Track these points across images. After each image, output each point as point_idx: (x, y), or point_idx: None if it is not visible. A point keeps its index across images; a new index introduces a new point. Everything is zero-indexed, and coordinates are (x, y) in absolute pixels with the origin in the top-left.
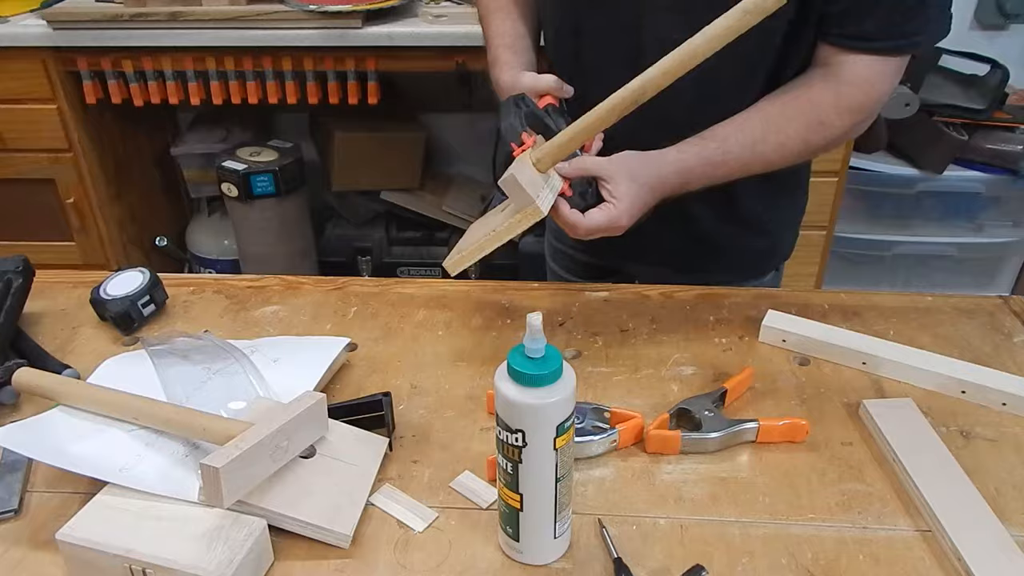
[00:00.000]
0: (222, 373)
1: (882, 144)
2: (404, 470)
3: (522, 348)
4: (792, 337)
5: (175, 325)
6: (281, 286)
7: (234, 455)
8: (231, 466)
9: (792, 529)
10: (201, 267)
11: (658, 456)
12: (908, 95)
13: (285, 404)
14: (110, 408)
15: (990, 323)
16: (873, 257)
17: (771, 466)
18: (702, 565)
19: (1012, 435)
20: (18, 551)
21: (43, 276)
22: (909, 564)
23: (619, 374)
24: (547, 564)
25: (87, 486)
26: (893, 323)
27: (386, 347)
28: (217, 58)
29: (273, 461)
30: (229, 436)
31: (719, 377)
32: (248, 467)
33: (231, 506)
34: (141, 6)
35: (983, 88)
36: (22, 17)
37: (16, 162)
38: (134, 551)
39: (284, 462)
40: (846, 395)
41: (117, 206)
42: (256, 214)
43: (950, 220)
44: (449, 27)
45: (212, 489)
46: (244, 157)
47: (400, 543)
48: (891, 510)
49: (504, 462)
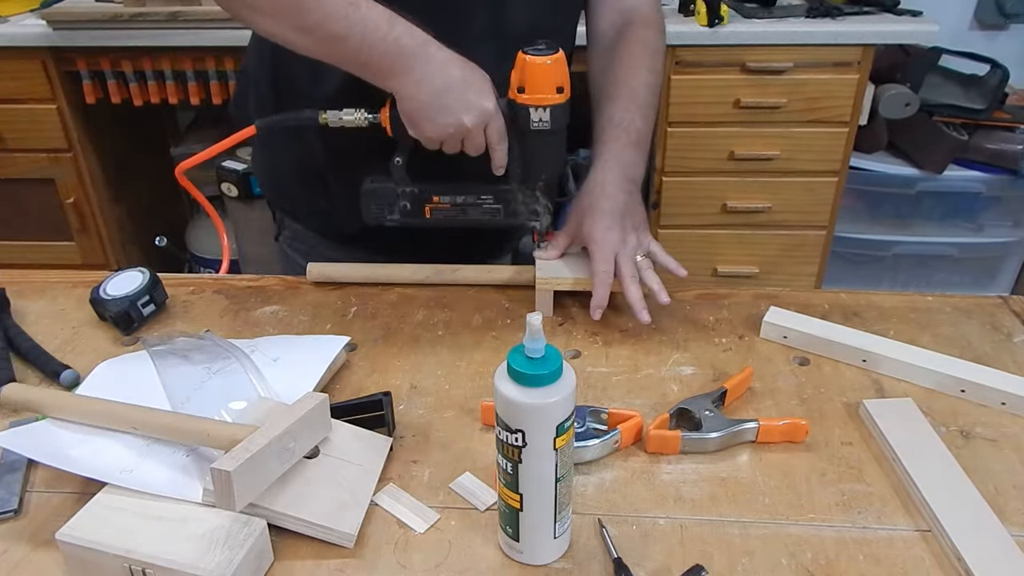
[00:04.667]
0: (222, 373)
1: (882, 144)
2: (404, 470)
3: (522, 348)
4: (793, 334)
5: (175, 325)
6: (281, 286)
7: (244, 458)
8: (242, 469)
9: (792, 529)
10: (201, 267)
11: (658, 456)
12: (908, 95)
13: (288, 405)
14: (107, 420)
15: (990, 323)
16: (873, 257)
17: (771, 466)
18: (702, 565)
19: (1012, 435)
20: (18, 551)
21: (43, 276)
22: (909, 564)
23: (619, 374)
24: (547, 564)
25: (87, 486)
26: (893, 323)
27: (386, 347)
28: (217, 58)
29: (281, 463)
30: (234, 441)
31: (719, 377)
32: (258, 469)
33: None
34: (141, 6)
35: (983, 88)
36: (21, 17)
37: (16, 162)
38: (134, 551)
39: (291, 463)
40: (846, 395)
41: (117, 206)
42: (256, 214)
43: (950, 220)
44: None
45: (224, 493)
46: (244, 157)
47: (400, 543)
48: (891, 510)
49: (504, 462)
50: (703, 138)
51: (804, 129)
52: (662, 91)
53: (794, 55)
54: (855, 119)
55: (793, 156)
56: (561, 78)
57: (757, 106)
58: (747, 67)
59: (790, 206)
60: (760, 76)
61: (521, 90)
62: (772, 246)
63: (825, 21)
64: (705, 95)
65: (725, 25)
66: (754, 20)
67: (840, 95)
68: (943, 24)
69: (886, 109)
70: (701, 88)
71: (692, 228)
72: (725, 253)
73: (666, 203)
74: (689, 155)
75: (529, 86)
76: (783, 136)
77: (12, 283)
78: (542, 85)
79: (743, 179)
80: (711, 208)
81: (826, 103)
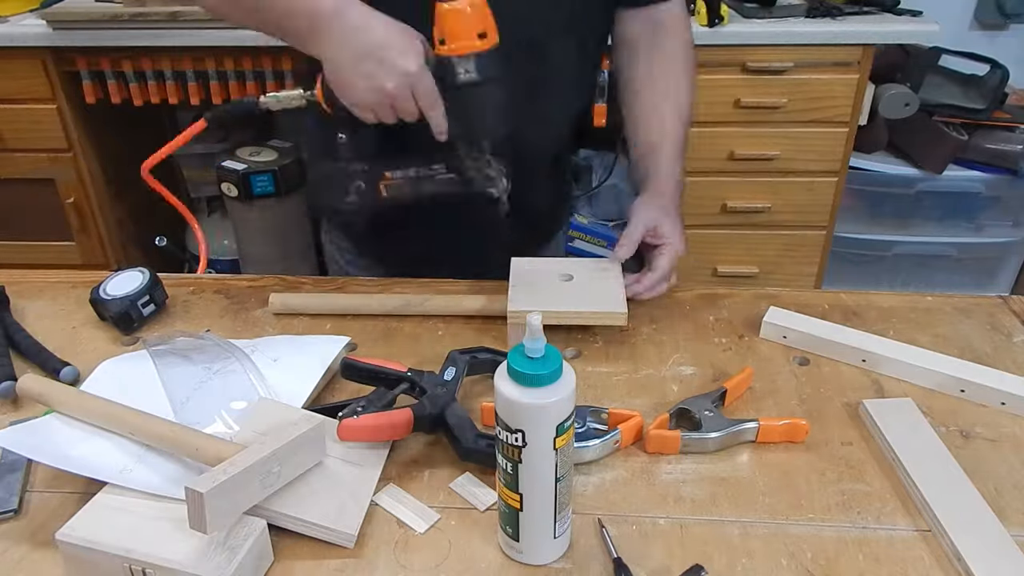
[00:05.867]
0: (222, 373)
1: (882, 144)
2: (404, 470)
3: (522, 348)
4: (793, 334)
5: (175, 325)
6: (281, 286)
7: (220, 480)
8: (216, 491)
9: (792, 529)
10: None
11: (658, 456)
12: (908, 95)
13: (281, 428)
14: (106, 420)
15: (990, 323)
16: (873, 257)
17: (771, 466)
18: (702, 565)
19: (1011, 435)
20: (18, 551)
21: (43, 276)
22: (909, 564)
23: (619, 374)
24: (547, 564)
25: (87, 486)
26: (893, 323)
27: (386, 347)
28: (217, 58)
29: (263, 487)
30: (219, 458)
31: (719, 377)
32: (236, 493)
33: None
34: (140, 6)
35: (983, 88)
36: (21, 17)
37: (16, 162)
38: (134, 551)
39: (276, 488)
40: (846, 395)
41: (117, 206)
42: (256, 214)
43: (950, 220)
44: None
45: (196, 514)
46: (244, 157)
47: (400, 543)
48: (891, 510)
49: (504, 462)
50: (703, 138)
51: (804, 129)
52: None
53: (794, 55)
54: (855, 119)
55: (793, 156)
56: (481, 23)
57: (757, 106)
58: (747, 67)
59: (790, 206)
60: (760, 76)
61: (443, 42)
62: (772, 246)
63: (825, 21)
64: (705, 95)
65: (725, 25)
66: (754, 20)
67: (840, 95)
68: (943, 24)
69: (886, 109)
70: (701, 88)
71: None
72: (725, 253)
73: None
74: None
75: (449, 36)
76: (783, 136)
77: (12, 283)
78: (461, 32)
79: (743, 179)
80: (711, 208)
81: (826, 103)
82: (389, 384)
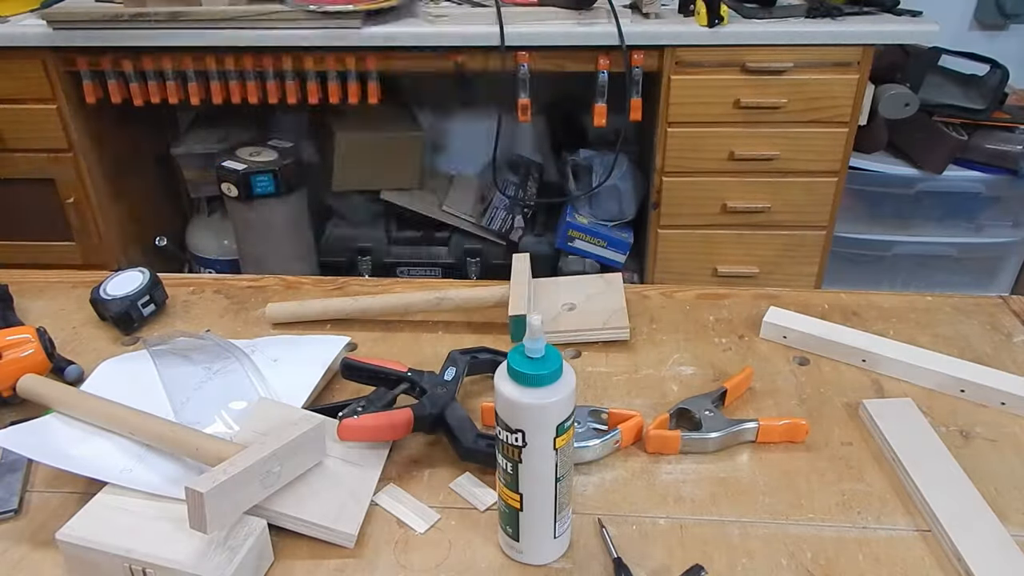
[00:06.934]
0: (222, 373)
1: (882, 144)
2: (404, 470)
3: (522, 348)
4: (793, 334)
5: (175, 325)
6: (281, 286)
7: (220, 480)
8: (216, 491)
9: (792, 529)
10: (201, 267)
11: (658, 456)
12: (908, 95)
13: (281, 428)
14: (106, 420)
15: (990, 323)
16: (873, 257)
17: (771, 466)
18: (702, 565)
19: (1012, 435)
20: (18, 551)
21: (43, 276)
22: (909, 564)
23: (619, 374)
24: (547, 564)
25: (87, 486)
26: (893, 323)
27: (386, 347)
28: (217, 58)
29: (264, 487)
30: (220, 458)
31: (719, 377)
32: (236, 493)
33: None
34: (141, 6)
35: (983, 88)
36: (22, 17)
37: (16, 162)
38: (134, 551)
39: (276, 488)
40: (846, 395)
41: (117, 206)
42: (256, 214)
43: (950, 220)
44: (449, 27)
45: (196, 514)
46: (244, 157)
47: (400, 543)
48: (891, 510)
49: (504, 462)
50: (703, 138)
51: (804, 129)
52: (663, 91)
53: (794, 55)
54: (855, 119)
55: (793, 156)
56: None
57: (757, 106)
58: (747, 67)
59: (790, 206)
60: (760, 76)
61: None
62: (772, 246)
63: (825, 21)
64: (705, 95)
65: (725, 25)
66: (754, 20)
67: (840, 95)
68: (943, 24)
69: (886, 109)
70: (701, 88)
71: (692, 228)
72: (725, 253)
73: (666, 203)
74: (689, 155)
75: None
76: (783, 136)
77: (12, 283)
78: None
79: (743, 179)
80: (711, 208)
81: (826, 103)
82: (389, 384)
